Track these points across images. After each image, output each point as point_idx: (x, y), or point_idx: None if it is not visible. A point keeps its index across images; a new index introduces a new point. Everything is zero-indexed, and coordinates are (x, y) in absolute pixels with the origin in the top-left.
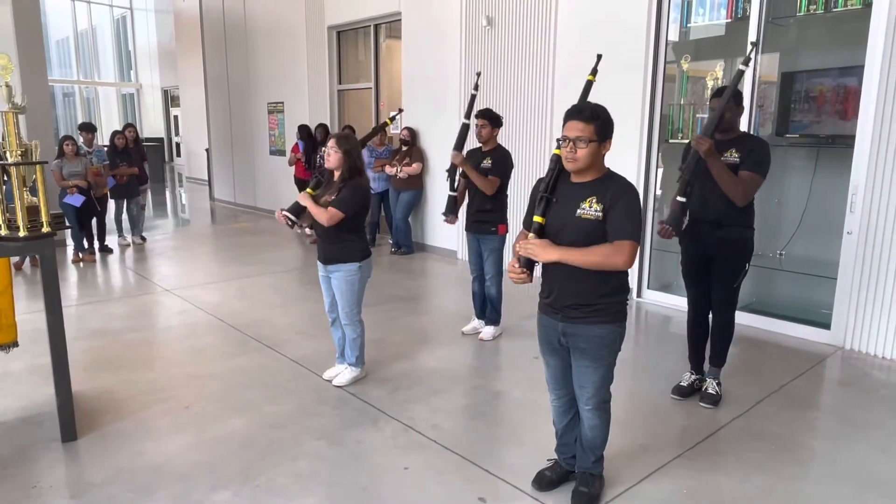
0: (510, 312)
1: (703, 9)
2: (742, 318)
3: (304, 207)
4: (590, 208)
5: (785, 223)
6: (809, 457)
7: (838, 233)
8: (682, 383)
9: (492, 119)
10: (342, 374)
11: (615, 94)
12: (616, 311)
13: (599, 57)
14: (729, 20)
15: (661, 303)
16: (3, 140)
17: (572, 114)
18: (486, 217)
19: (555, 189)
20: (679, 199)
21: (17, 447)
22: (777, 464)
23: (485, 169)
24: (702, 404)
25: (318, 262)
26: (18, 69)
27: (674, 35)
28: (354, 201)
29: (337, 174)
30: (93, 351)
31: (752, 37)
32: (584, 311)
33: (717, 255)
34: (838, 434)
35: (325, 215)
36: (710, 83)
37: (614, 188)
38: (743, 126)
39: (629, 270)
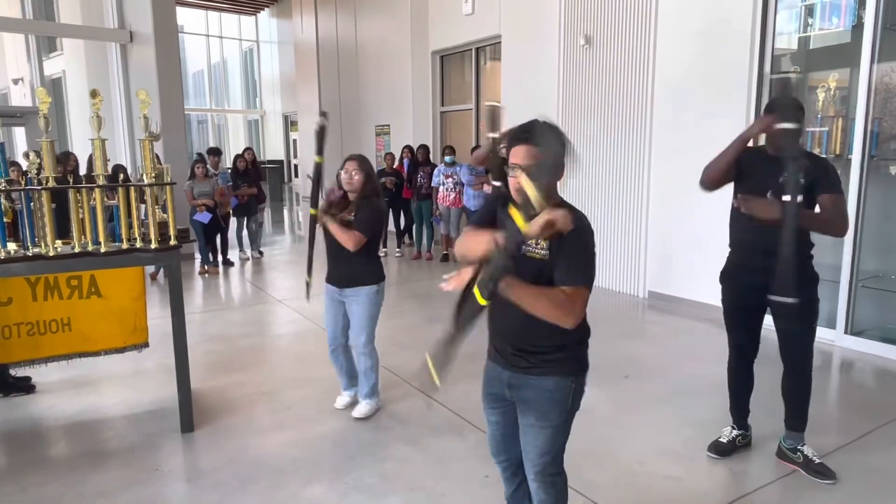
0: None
1: (812, 18)
2: (858, 345)
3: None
4: (535, 245)
5: None
6: None
7: None
8: (721, 440)
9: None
10: (360, 406)
11: (719, 105)
12: (574, 362)
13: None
14: (842, 28)
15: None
16: (141, 164)
17: (516, 138)
18: None
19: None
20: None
21: (144, 435)
22: (880, 499)
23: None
24: (817, 480)
25: (328, 285)
26: (158, 103)
27: (784, 45)
28: (376, 224)
29: (354, 195)
30: (211, 354)
31: (866, 46)
32: (534, 359)
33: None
34: None
35: (352, 239)
36: (821, 95)
37: None
38: (857, 142)
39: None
